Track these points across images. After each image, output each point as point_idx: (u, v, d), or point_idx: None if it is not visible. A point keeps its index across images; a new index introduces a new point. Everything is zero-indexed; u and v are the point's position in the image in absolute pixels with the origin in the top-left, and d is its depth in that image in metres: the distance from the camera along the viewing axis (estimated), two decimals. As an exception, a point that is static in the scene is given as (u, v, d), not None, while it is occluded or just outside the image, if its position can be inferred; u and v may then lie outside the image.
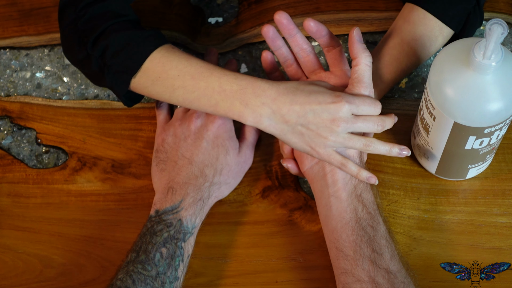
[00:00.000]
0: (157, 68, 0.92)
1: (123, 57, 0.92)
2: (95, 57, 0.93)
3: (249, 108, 0.89)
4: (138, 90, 0.94)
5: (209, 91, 0.90)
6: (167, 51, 0.92)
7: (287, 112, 0.89)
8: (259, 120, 0.89)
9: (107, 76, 0.94)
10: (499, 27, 0.80)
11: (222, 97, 0.90)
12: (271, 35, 0.97)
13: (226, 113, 0.91)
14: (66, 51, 0.97)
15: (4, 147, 1.05)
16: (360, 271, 0.86)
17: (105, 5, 0.94)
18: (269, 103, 0.89)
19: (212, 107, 0.91)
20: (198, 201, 0.93)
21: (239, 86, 0.90)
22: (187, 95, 0.91)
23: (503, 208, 0.97)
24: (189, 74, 0.91)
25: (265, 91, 0.89)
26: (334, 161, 0.90)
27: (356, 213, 0.89)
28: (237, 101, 0.90)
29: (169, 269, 0.88)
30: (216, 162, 0.96)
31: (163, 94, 0.93)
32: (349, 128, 0.89)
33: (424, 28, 0.99)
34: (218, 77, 0.91)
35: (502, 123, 0.88)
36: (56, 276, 0.96)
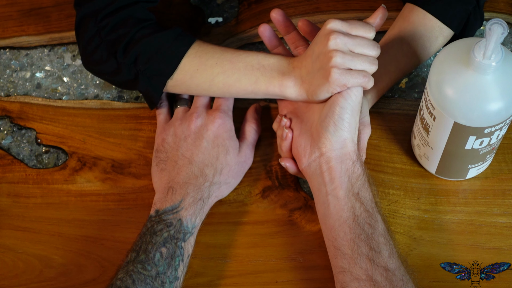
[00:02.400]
0: (194, 62, 0.95)
1: (158, 61, 0.94)
2: (127, 65, 0.94)
3: (286, 75, 0.94)
4: (175, 88, 0.97)
5: (249, 69, 0.94)
6: (200, 46, 0.96)
7: (308, 63, 0.93)
8: (295, 83, 0.94)
9: (141, 81, 0.95)
10: (499, 27, 0.80)
11: (262, 72, 0.94)
12: (268, 34, 0.99)
13: (267, 87, 0.94)
14: (92, 64, 0.97)
15: (4, 147, 1.05)
16: (358, 270, 0.86)
17: (125, 12, 0.95)
18: (299, 65, 0.94)
19: (252, 85, 0.95)
20: (198, 201, 0.93)
21: (275, 59, 0.95)
22: (227, 79, 0.95)
23: (503, 208, 0.97)
24: (226, 60, 0.95)
25: (294, 58, 0.95)
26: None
27: (354, 211, 0.89)
28: (275, 72, 0.94)
29: (169, 269, 0.88)
30: (216, 161, 0.96)
31: (202, 85, 0.96)
32: (344, 39, 0.90)
33: (424, 28, 0.99)
34: (255, 55, 0.95)
35: (502, 123, 0.88)
36: (56, 276, 0.96)
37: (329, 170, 0.91)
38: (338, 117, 0.90)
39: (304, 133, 0.94)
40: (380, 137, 1.02)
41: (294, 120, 0.96)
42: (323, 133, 0.91)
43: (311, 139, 0.93)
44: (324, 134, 0.91)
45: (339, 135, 0.90)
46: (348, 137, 0.91)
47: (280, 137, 0.96)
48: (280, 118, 0.97)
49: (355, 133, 0.92)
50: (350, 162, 0.90)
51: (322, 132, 0.91)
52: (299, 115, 0.96)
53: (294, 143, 0.95)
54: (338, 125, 0.90)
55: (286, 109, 0.99)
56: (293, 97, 0.95)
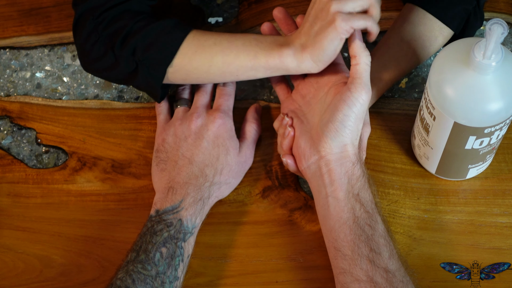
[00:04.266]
0: (192, 45, 0.94)
1: (156, 49, 0.94)
2: (125, 57, 0.94)
3: (285, 46, 0.93)
4: (175, 75, 0.96)
5: (247, 45, 0.94)
6: (197, 32, 0.96)
7: (307, 29, 0.92)
8: (295, 51, 0.92)
9: (140, 73, 0.95)
10: (499, 27, 0.80)
11: (260, 47, 0.94)
12: (270, 33, 0.98)
13: (267, 59, 0.93)
14: (89, 62, 0.97)
15: (4, 147, 1.05)
16: (358, 271, 0.86)
17: (122, 7, 0.95)
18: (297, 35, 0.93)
19: (252, 60, 0.94)
20: (199, 201, 0.93)
21: (272, 37, 0.95)
22: (225, 58, 0.94)
23: (503, 208, 0.97)
24: (224, 39, 0.95)
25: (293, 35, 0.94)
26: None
27: (354, 213, 0.88)
28: (274, 45, 0.93)
29: (169, 268, 0.88)
30: (217, 162, 0.96)
31: (201, 67, 0.95)
32: None
33: (424, 28, 0.99)
34: (252, 34, 0.96)
35: (502, 123, 0.88)
36: (56, 276, 0.96)
37: (329, 172, 0.91)
38: (340, 124, 0.90)
39: (304, 135, 0.94)
40: (380, 137, 1.02)
41: (294, 120, 0.96)
42: (323, 137, 0.91)
43: (310, 141, 0.92)
44: (324, 138, 0.90)
45: (339, 140, 0.90)
46: (348, 142, 0.90)
47: (281, 135, 0.96)
48: (283, 116, 0.97)
49: (357, 137, 0.91)
50: (349, 163, 0.90)
51: (322, 136, 0.91)
52: (299, 116, 0.96)
53: (295, 144, 0.95)
54: (340, 132, 0.90)
55: (287, 109, 0.99)
56: (295, 67, 0.93)
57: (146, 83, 0.96)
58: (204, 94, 1.02)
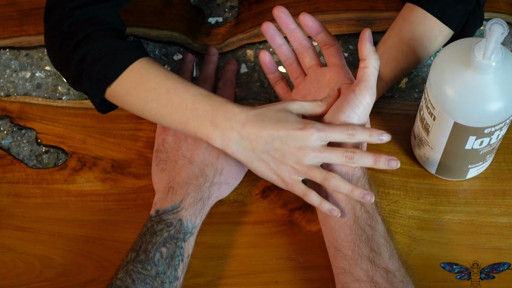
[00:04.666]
0: (134, 78, 0.91)
1: (102, 66, 0.91)
2: (75, 62, 0.92)
3: (218, 130, 0.89)
4: (113, 99, 0.94)
5: (182, 107, 0.90)
6: (146, 63, 0.92)
7: (255, 138, 0.88)
8: (226, 144, 0.89)
9: (84, 82, 0.93)
10: (499, 27, 0.80)
11: (194, 115, 0.89)
12: (271, 32, 0.98)
13: (196, 132, 0.90)
14: (48, 51, 0.97)
15: (4, 147, 1.05)
16: (359, 271, 0.86)
17: (92, 10, 0.93)
18: (238, 128, 0.88)
19: (182, 124, 0.90)
20: (199, 201, 0.93)
21: (211, 106, 0.89)
22: (159, 109, 0.91)
23: (503, 208, 0.97)
24: (165, 88, 0.90)
25: (236, 115, 0.89)
26: (298, 191, 0.90)
27: (354, 212, 0.89)
28: (207, 121, 0.89)
29: (169, 268, 0.88)
30: (217, 162, 0.96)
31: (136, 106, 0.92)
32: (316, 157, 0.88)
33: (424, 28, 0.99)
34: (193, 95, 0.90)
35: (502, 123, 0.88)
36: (56, 276, 0.96)
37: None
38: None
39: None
40: (380, 137, 1.02)
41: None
42: None
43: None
44: None
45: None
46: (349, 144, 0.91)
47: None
48: None
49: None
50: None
51: None
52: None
53: (295, 144, 0.95)
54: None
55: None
56: (220, 148, 0.90)
57: (87, 93, 0.95)
58: (204, 94, 1.01)
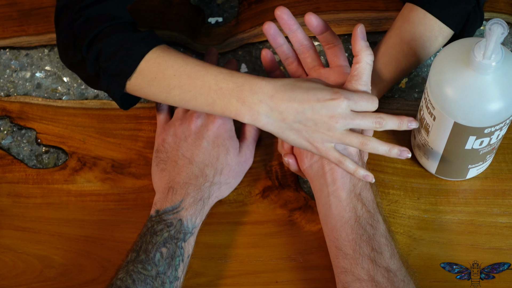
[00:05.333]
0: (152, 68, 0.91)
1: (118, 60, 0.91)
2: (90, 61, 0.92)
3: (246, 106, 0.88)
4: (134, 92, 0.94)
5: (206, 89, 0.89)
6: (162, 51, 0.92)
7: (285, 109, 0.88)
8: (256, 118, 0.88)
9: (102, 80, 0.93)
10: (499, 27, 0.80)
11: (219, 95, 0.89)
12: (272, 32, 0.97)
13: (223, 111, 0.89)
14: (62, 54, 0.96)
15: (4, 147, 1.05)
16: (360, 270, 0.86)
17: (101, 7, 0.93)
18: (267, 100, 0.88)
19: (209, 106, 0.90)
20: (199, 201, 0.93)
21: (235, 83, 0.89)
22: (183, 95, 0.90)
23: (503, 208, 0.97)
24: (185, 73, 0.90)
25: (262, 88, 0.88)
26: (332, 157, 0.90)
27: (356, 212, 0.89)
28: (234, 99, 0.88)
29: (169, 269, 0.88)
30: (217, 162, 0.96)
31: (159, 95, 0.92)
32: (348, 125, 0.89)
33: (424, 28, 0.99)
34: (215, 75, 0.90)
35: (502, 123, 0.88)
36: (56, 276, 0.96)
37: (331, 171, 0.91)
38: None
39: (306, 134, 0.94)
40: (380, 137, 1.02)
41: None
42: None
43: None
44: None
45: None
46: None
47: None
48: None
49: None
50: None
51: None
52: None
53: (296, 144, 0.95)
54: None
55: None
56: (250, 123, 0.89)
57: (107, 91, 0.95)
58: (204, 94, 1.01)
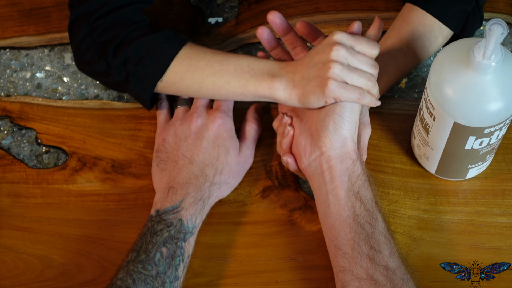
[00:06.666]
0: (184, 64, 0.95)
1: (148, 63, 0.94)
2: (117, 67, 0.95)
3: (277, 79, 0.93)
4: (165, 89, 0.97)
5: (239, 72, 0.94)
6: (190, 48, 0.96)
7: (301, 67, 0.93)
8: (286, 86, 0.93)
9: (131, 83, 0.96)
10: (499, 27, 0.80)
11: (252, 75, 0.94)
12: (266, 37, 0.98)
13: (256, 89, 0.94)
14: (83, 64, 0.98)
15: (4, 147, 1.05)
16: (359, 269, 0.86)
17: (118, 14, 0.95)
18: (290, 69, 0.94)
19: (242, 87, 0.94)
20: (199, 201, 0.93)
21: (265, 63, 0.95)
22: (217, 81, 0.95)
23: (503, 208, 0.97)
24: (217, 62, 0.95)
25: (288, 63, 0.95)
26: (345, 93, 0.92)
27: (354, 211, 0.89)
28: (266, 75, 0.94)
29: (169, 268, 0.88)
30: (217, 161, 0.96)
31: (192, 87, 0.96)
32: (346, 53, 0.90)
33: (424, 28, 0.99)
34: (246, 59, 0.95)
35: (502, 123, 0.88)
36: (56, 276, 0.96)
37: (330, 169, 0.91)
38: (338, 116, 0.90)
39: (304, 132, 0.94)
40: (380, 137, 1.03)
41: (294, 119, 0.96)
42: (323, 132, 0.91)
43: (311, 139, 0.93)
44: (324, 133, 0.91)
45: (339, 133, 0.91)
46: (348, 136, 0.91)
47: (281, 135, 0.96)
48: (282, 116, 0.97)
49: (355, 132, 0.92)
50: (350, 161, 0.90)
51: (322, 131, 0.91)
52: (298, 114, 0.96)
53: (294, 143, 0.95)
54: (338, 124, 0.90)
55: (285, 108, 0.99)
56: (282, 100, 0.94)
57: (136, 93, 0.98)
58: (204, 94, 1.02)
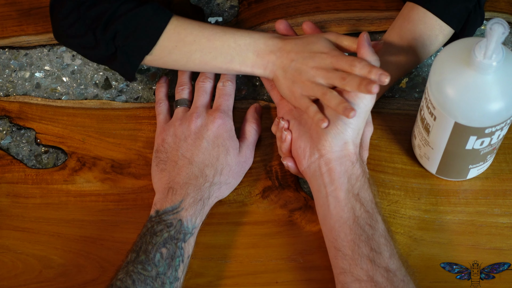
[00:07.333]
0: (172, 38, 0.97)
1: (137, 38, 0.96)
2: (106, 41, 0.96)
3: (261, 58, 0.97)
4: (152, 63, 0.99)
5: (225, 48, 0.97)
6: (178, 20, 0.97)
7: (286, 57, 0.96)
8: (266, 66, 0.97)
9: (119, 57, 0.97)
10: (500, 26, 0.80)
11: (237, 51, 0.97)
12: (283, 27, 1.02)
13: (240, 66, 0.97)
14: (67, 38, 0.99)
15: (3, 147, 1.05)
16: (359, 270, 0.86)
17: None
18: (275, 50, 0.97)
19: (227, 64, 0.97)
20: (199, 201, 0.93)
21: (252, 38, 0.97)
22: (203, 57, 0.97)
23: (504, 209, 0.97)
24: (204, 37, 0.97)
25: (274, 40, 0.97)
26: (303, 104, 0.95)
27: (354, 212, 0.88)
28: (250, 53, 0.97)
29: (169, 269, 0.88)
30: (217, 162, 0.96)
31: (179, 61, 0.99)
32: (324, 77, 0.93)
33: (424, 26, 0.99)
34: (232, 34, 0.97)
35: (503, 123, 0.88)
36: (55, 276, 0.96)
37: (329, 172, 0.91)
38: (342, 122, 0.90)
39: (303, 135, 0.94)
40: (381, 137, 1.02)
41: (292, 122, 0.96)
42: (324, 135, 0.91)
43: (310, 141, 0.92)
44: (325, 136, 0.91)
45: (340, 138, 0.90)
46: (349, 140, 0.91)
47: (279, 139, 0.96)
48: (278, 120, 0.97)
49: (358, 136, 0.91)
50: (349, 163, 0.90)
51: (322, 134, 0.91)
52: (296, 117, 0.96)
53: (293, 145, 0.95)
54: (341, 130, 0.90)
55: (283, 111, 0.99)
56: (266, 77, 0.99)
57: (122, 67, 0.99)
58: (203, 94, 1.02)
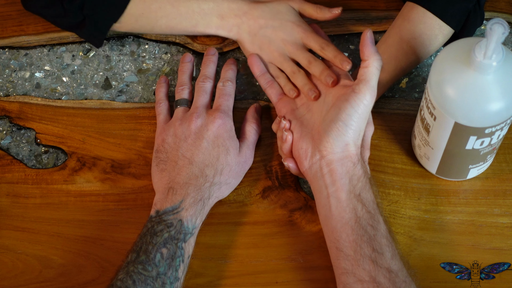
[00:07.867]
0: (139, 6, 1.01)
1: (104, 6, 1.00)
2: (74, 11, 0.99)
3: (225, 21, 1.02)
4: (119, 29, 1.05)
5: (190, 13, 1.02)
6: None
7: (253, 24, 1.02)
8: (231, 29, 1.03)
9: (88, 25, 1.01)
10: (500, 26, 0.80)
11: (201, 16, 1.02)
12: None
13: (205, 29, 1.04)
14: (35, 7, 1.03)
15: (3, 147, 1.05)
16: (361, 271, 0.86)
17: None
18: (241, 15, 1.02)
19: (192, 28, 1.04)
20: (199, 202, 0.93)
21: (215, 3, 1.02)
22: (169, 23, 1.03)
23: (504, 209, 0.97)
24: (169, 4, 1.02)
25: (238, 3, 1.03)
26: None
27: (356, 213, 0.88)
28: (214, 17, 1.03)
29: (169, 269, 0.88)
30: (217, 162, 0.96)
31: (145, 27, 1.04)
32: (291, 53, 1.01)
33: (424, 26, 0.99)
34: (196, 0, 1.02)
35: (503, 123, 0.88)
36: (55, 276, 0.96)
37: (330, 172, 0.91)
38: (343, 124, 0.90)
39: (305, 136, 0.94)
40: (381, 137, 1.02)
41: (293, 123, 0.96)
42: (325, 137, 0.91)
43: (312, 142, 0.92)
44: (326, 138, 0.90)
45: (341, 139, 0.90)
46: (350, 141, 0.90)
47: (280, 139, 0.96)
48: (280, 119, 0.97)
49: (359, 137, 0.91)
50: (350, 163, 0.90)
51: (324, 135, 0.91)
52: (297, 117, 0.96)
53: (295, 146, 0.95)
54: (342, 131, 0.90)
55: (284, 110, 0.99)
56: (227, 37, 1.05)
57: (90, 35, 1.03)
58: (203, 94, 1.02)
